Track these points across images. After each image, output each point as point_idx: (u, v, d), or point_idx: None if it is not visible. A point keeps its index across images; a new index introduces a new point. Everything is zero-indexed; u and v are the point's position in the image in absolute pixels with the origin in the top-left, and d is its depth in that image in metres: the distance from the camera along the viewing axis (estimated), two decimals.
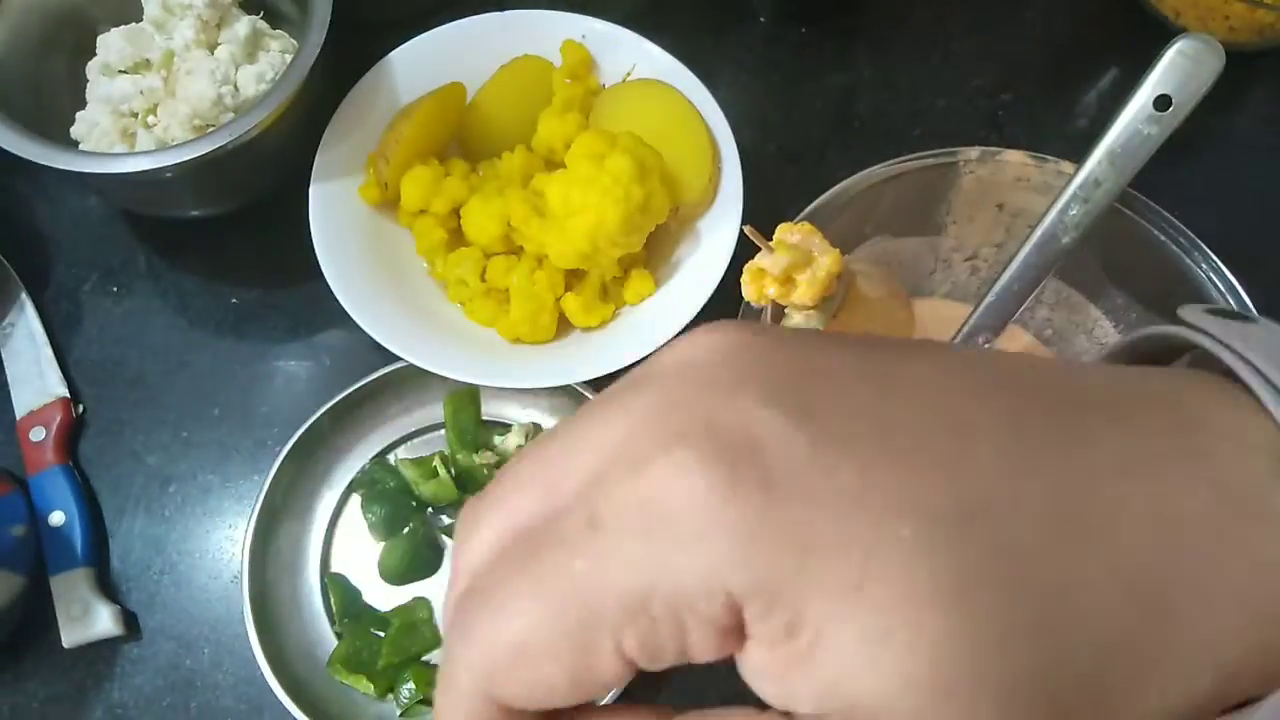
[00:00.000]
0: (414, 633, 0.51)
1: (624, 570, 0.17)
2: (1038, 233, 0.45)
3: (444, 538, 0.53)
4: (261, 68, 0.55)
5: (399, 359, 0.51)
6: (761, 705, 0.18)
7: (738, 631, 0.17)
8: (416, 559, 0.52)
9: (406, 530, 0.52)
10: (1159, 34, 0.65)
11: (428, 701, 0.50)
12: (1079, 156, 0.50)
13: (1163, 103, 0.44)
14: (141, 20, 0.57)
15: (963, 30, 0.67)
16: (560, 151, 0.55)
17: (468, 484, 0.53)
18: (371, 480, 0.53)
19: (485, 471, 0.53)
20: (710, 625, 0.17)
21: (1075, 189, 0.45)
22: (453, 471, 0.53)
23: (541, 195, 0.52)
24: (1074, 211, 0.45)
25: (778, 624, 0.16)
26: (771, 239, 0.43)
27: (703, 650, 0.17)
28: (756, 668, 0.17)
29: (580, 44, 0.58)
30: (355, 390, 0.53)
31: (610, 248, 0.50)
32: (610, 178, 0.49)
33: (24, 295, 0.59)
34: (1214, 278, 0.46)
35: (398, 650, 0.50)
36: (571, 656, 0.17)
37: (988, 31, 0.67)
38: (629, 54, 0.58)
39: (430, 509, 0.54)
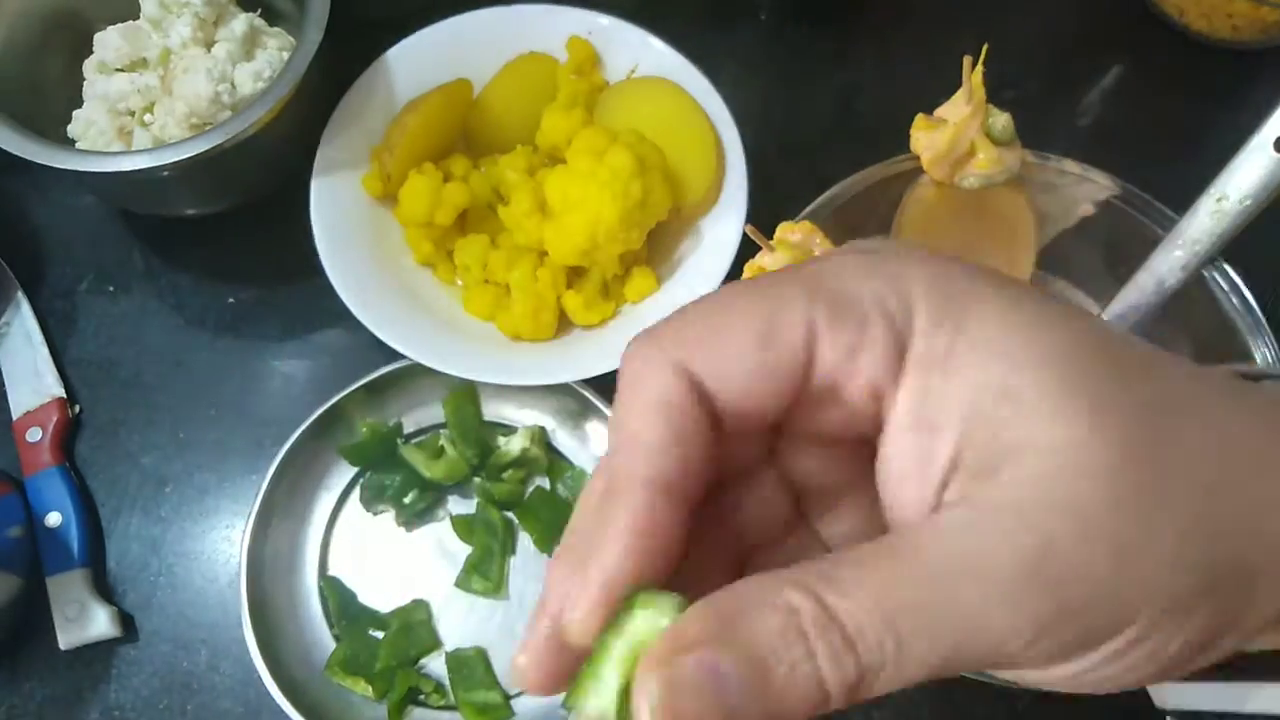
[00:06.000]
0: (412, 635, 0.50)
1: (830, 270, 0.20)
2: (1144, 276, 0.45)
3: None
4: (259, 65, 0.55)
5: (397, 359, 0.51)
6: None
7: (899, 357, 0.19)
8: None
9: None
10: (1162, 33, 0.65)
11: (420, 703, 0.50)
12: (1081, 155, 0.50)
13: None
14: (138, 18, 0.57)
15: (964, 27, 0.67)
16: (564, 148, 0.55)
17: (483, 467, 0.53)
18: (380, 486, 0.53)
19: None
20: (888, 329, 0.19)
21: (1188, 236, 0.44)
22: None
23: (542, 187, 0.52)
24: (1179, 254, 0.44)
25: (943, 336, 0.18)
26: (772, 238, 0.43)
27: (870, 362, 0.19)
28: (906, 415, 0.19)
29: (585, 40, 0.58)
30: (353, 390, 0.53)
31: (610, 244, 0.50)
32: (609, 173, 0.49)
33: (20, 295, 0.58)
34: (1217, 276, 0.46)
35: (395, 652, 0.50)
36: (762, 320, 0.19)
37: (990, 29, 0.67)
38: (634, 50, 0.57)
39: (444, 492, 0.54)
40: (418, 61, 0.57)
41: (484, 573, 0.52)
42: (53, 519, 0.52)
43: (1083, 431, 0.17)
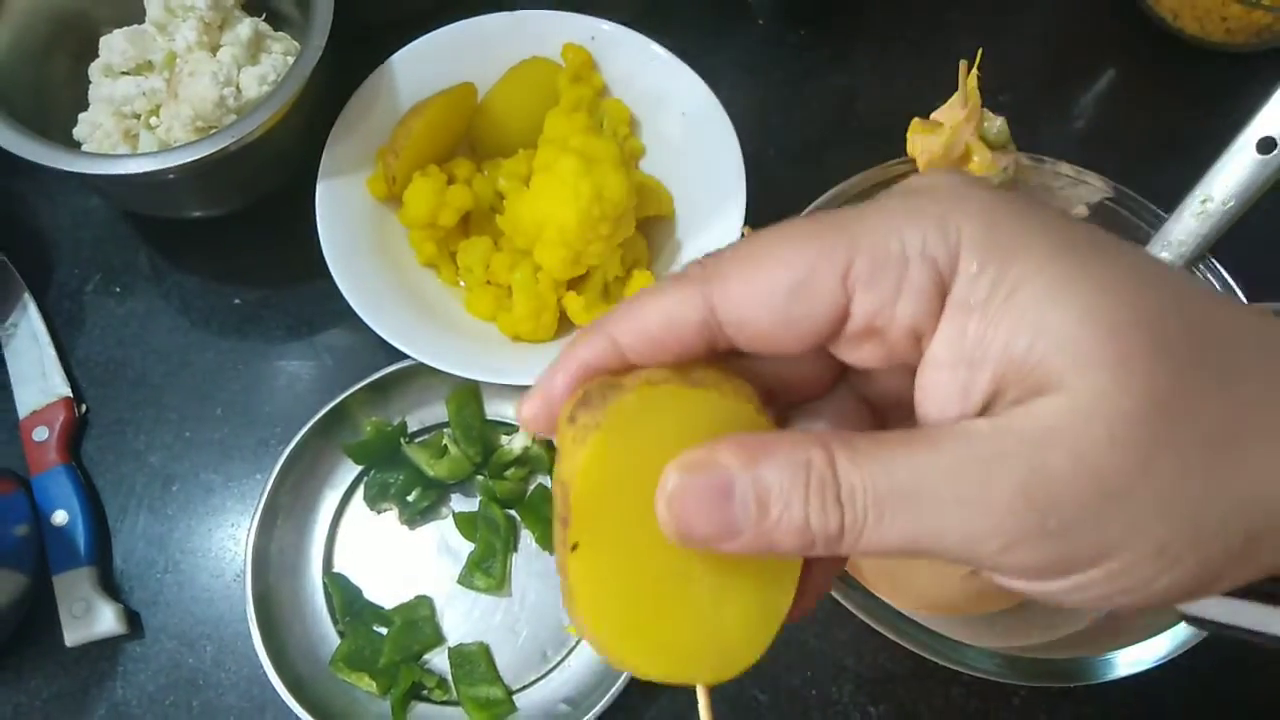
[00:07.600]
0: (415, 631, 0.51)
1: (874, 220, 0.20)
2: None
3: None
4: (264, 69, 0.56)
5: (401, 359, 0.51)
6: None
7: (939, 300, 0.20)
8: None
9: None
10: (1156, 36, 0.66)
11: (423, 699, 0.50)
12: (1076, 158, 0.51)
13: (1267, 145, 0.42)
14: (144, 22, 0.57)
15: (961, 31, 0.67)
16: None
17: (486, 465, 0.54)
18: (384, 484, 0.54)
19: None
20: (930, 275, 0.20)
21: (1173, 238, 0.45)
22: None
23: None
24: (1165, 256, 0.45)
25: (985, 281, 0.19)
26: None
27: (910, 309, 0.20)
28: (945, 352, 0.20)
29: (580, 47, 0.58)
30: (357, 390, 0.53)
31: (589, 244, 0.50)
32: (557, 181, 0.50)
33: (27, 296, 0.59)
34: (1209, 276, 0.47)
35: (399, 648, 0.50)
36: (798, 273, 0.20)
37: (986, 32, 0.67)
38: (636, 55, 0.58)
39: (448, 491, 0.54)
40: (422, 66, 0.57)
41: (486, 570, 0.52)
42: (59, 517, 0.53)
43: (1106, 381, 0.18)
